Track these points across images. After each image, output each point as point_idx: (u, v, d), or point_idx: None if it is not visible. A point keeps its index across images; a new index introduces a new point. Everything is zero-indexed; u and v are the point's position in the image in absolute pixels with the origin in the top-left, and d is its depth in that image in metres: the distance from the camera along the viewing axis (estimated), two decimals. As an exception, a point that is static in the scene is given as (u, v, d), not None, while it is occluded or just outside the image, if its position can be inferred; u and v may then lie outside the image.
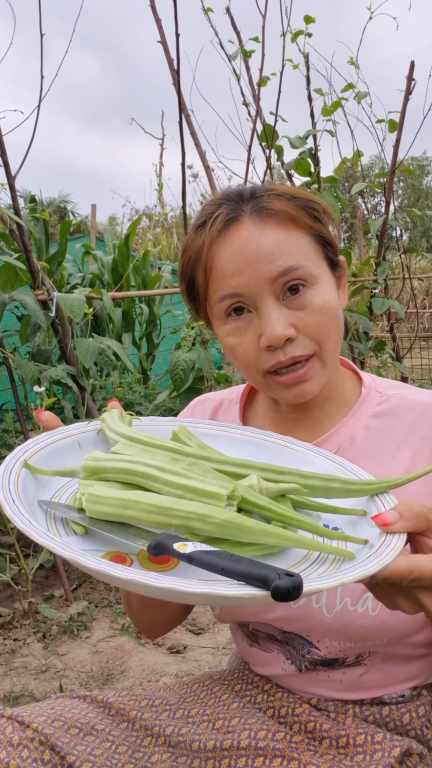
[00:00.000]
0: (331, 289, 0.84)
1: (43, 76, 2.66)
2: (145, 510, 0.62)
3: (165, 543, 0.58)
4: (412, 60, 2.97)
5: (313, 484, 0.72)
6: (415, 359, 5.93)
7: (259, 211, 0.81)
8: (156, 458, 0.71)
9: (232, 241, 0.81)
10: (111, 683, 2.16)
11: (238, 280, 0.80)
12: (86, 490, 0.65)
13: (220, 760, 0.81)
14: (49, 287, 2.66)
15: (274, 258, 0.79)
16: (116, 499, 0.63)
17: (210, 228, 0.83)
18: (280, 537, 0.63)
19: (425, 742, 0.87)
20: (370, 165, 19.76)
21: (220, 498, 0.63)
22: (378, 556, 0.59)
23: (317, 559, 0.66)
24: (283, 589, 0.50)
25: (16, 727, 0.79)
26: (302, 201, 0.84)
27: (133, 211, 17.19)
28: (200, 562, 0.56)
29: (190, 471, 0.69)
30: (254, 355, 0.82)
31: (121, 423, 0.79)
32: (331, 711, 0.88)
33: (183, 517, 0.62)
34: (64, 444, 0.77)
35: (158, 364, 5.27)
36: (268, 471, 0.74)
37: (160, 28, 2.90)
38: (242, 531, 0.62)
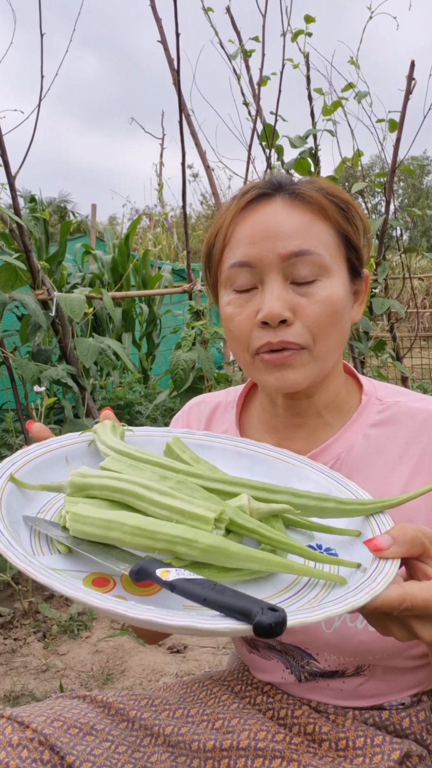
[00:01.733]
0: (342, 289, 0.82)
1: (43, 75, 2.66)
2: (129, 532, 0.61)
3: (147, 569, 0.56)
4: (413, 59, 2.97)
5: (306, 504, 0.71)
6: (415, 359, 5.92)
7: (292, 194, 0.82)
8: (144, 475, 0.69)
9: (257, 215, 0.81)
10: (111, 683, 2.16)
11: (252, 250, 0.80)
12: (70, 509, 0.63)
13: (219, 760, 0.81)
14: (49, 287, 2.66)
15: (292, 237, 0.78)
16: (100, 519, 0.62)
17: (240, 199, 0.83)
18: (267, 563, 0.61)
19: (425, 746, 0.87)
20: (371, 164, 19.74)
21: (207, 521, 0.62)
22: (368, 585, 0.57)
23: (307, 583, 0.64)
24: (266, 626, 0.49)
25: (15, 728, 0.79)
26: (338, 199, 0.83)
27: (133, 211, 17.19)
28: (182, 591, 0.54)
29: (178, 490, 0.67)
30: (247, 331, 0.81)
31: (112, 435, 0.77)
32: (331, 713, 0.87)
33: (167, 541, 0.60)
34: (55, 455, 0.76)
35: (158, 364, 5.27)
36: (261, 489, 0.72)
37: (160, 27, 2.90)
38: (228, 556, 0.60)
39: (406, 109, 2.97)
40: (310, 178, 0.86)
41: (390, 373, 3.95)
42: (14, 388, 2.71)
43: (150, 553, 0.62)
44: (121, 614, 0.50)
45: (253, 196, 0.82)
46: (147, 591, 0.61)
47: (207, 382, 2.84)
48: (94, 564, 0.62)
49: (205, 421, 1.00)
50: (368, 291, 0.90)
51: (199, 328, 2.85)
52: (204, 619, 0.51)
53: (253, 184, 0.85)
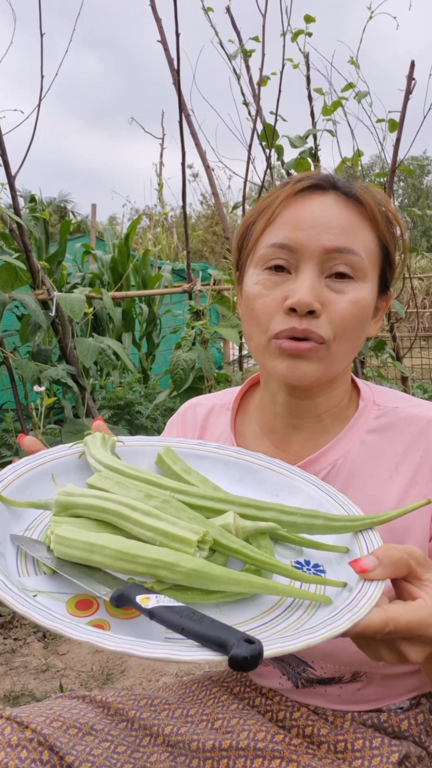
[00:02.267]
0: (371, 297, 0.81)
1: (43, 75, 2.66)
2: (111, 556, 0.61)
3: (128, 595, 0.57)
4: (413, 59, 2.97)
5: (295, 521, 0.70)
6: (415, 359, 5.92)
7: (347, 194, 0.82)
8: (129, 494, 0.68)
9: (308, 203, 0.81)
10: (111, 683, 2.16)
11: (297, 235, 0.79)
12: (55, 530, 0.63)
13: (218, 760, 0.81)
14: (49, 287, 2.66)
15: (338, 233, 0.78)
16: (83, 542, 0.62)
17: (294, 184, 0.82)
18: (250, 585, 0.61)
19: (424, 747, 0.87)
20: (371, 164, 19.75)
21: (190, 543, 0.61)
22: (350, 611, 0.57)
23: (292, 604, 0.63)
24: (240, 659, 0.48)
25: (14, 728, 0.79)
26: (387, 211, 0.84)
27: (133, 211, 17.19)
28: (161, 620, 0.54)
29: (163, 510, 0.67)
30: (271, 313, 0.80)
31: (102, 449, 0.77)
32: (330, 716, 0.87)
33: (149, 565, 0.60)
34: (46, 469, 0.76)
35: (158, 364, 5.27)
36: (249, 507, 0.72)
37: (160, 27, 2.90)
38: (210, 580, 0.60)
39: (406, 109, 2.97)
40: (366, 183, 0.86)
41: (390, 373, 3.95)
42: (14, 388, 2.71)
43: (133, 575, 0.62)
44: (98, 646, 0.50)
45: (309, 184, 0.82)
46: (129, 614, 0.60)
47: (207, 382, 2.84)
48: (78, 586, 0.62)
49: (200, 425, 0.98)
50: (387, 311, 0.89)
51: (199, 328, 2.85)
52: (181, 650, 0.51)
53: (309, 173, 0.85)
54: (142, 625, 0.58)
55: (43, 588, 0.61)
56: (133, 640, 0.52)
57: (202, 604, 0.62)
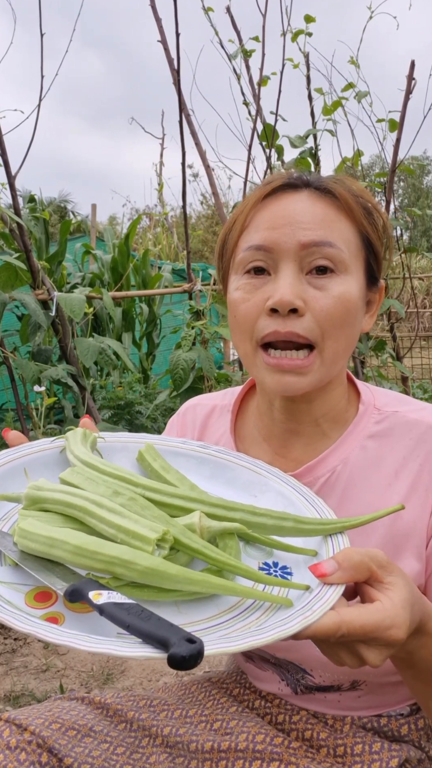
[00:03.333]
0: (357, 289, 0.78)
1: (43, 75, 2.66)
2: (71, 551, 0.62)
3: (81, 590, 0.58)
4: (413, 59, 2.96)
5: (264, 523, 0.70)
6: (415, 359, 5.92)
7: (320, 189, 0.80)
8: (98, 490, 0.70)
9: (280, 202, 0.79)
10: (111, 683, 2.16)
11: (272, 235, 0.77)
12: (20, 524, 0.65)
13: (217, 761, 0.81)
14: (49, 287, 2.65)
15: (314, 227, 0.76)
16: (44, 536, 0.63)
17: (264, 186, 0.81)
18: (207, 585, 0.61)
19: (424, 752, 0.87)
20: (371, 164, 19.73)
21: (149, 542, 0.62)
22: (303, 613, 0.57)
23: (252, 605, 0.64)
24: (179, 657, 0.49)
25: (13, 730, 0.79)
26: (364, 202, 0.82)
27: (134, 211, 17.19)
28: (109, 615, 0.55)
29: (128, 507, 0.68)
30: (254, 318, 0.78)
31: (82, 445, 0.78)
32: (329, 719, 0.87)
33: (107, 562, 0.61)
34: (25, 462, 0.77)
35: (158, 364, 5.27)
36: (218, 507, 0.72)
37: (160, 27, 2.90)
38: (166, 579, 0.61)
39: (406, 109, 2.97)
40: (339, 176, 0.84)
41: (390, 372, 3.95)
42: (14, 388, 2.71)
43: (91, 571, 0.63)
44: (42, 638, 0.52)
45: (279, 184, 0.80)
46: (86, 608, 0.61)
47: (207, 382, 2.84)
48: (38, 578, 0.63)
49: (200, 426, 0.98)
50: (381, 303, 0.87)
51: (199, 328, 2.85)
52: (123, 647, 0.52)
53: (280, 174, 0.83)
54: (97, 619, 0.59)
55: (5, 579, 0.63)
56: (78, 634, 0.53)
57: (160, 602, 0.63)
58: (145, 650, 0.52)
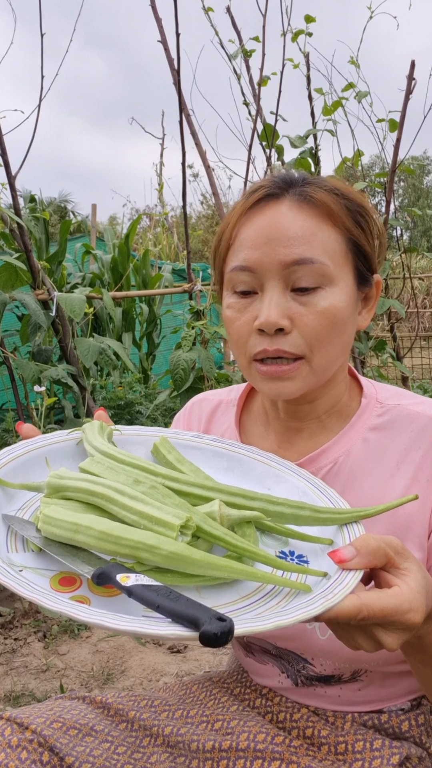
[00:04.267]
0: (345, 299, 0.79)
1: (43, 75, 2.66)
2: (95, 536, 0.63)
3: (109, 573, 0.58)
4: (413, 59, 2.96)
5: (282, 511, 0.72)
6: (415, 359, 5.93)
7: (301, 196, 0.79)
8: (119, 479, 0.70)
9: (262, 216, 0.79)
10: (111, 683, 2.16)
11: (253, 255, 0.78)
12: (43, 510, 0.65)
13: (218, 761, 0.81)
14: (49, 287, 2.66)
15: (294, 244, 0.76)
16: (68, 522, 0.64)
17: (247, 198, 0.81)
18: (229, 570, 0.62)
19: (424, 748, 0.87)
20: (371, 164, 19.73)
21: (172, 527, 0.63)
22: (325, 597, 0.58)
23: (271, 591, 0.65)
24: (211, 634, 0.50)
25: (15, 729, 0.79)
26: (350, 203, 0.80)
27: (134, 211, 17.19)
28: (138, 597, 0.56)
29: (150, 495, 0.68)
30: (245, 336, 0.80)
31: (99, 436, 0.79)
32: (330, 716, 0.87)
33: (131, 547, 0.62)
34: (42, 453, 0.78)
35: (158, 364, 5.27)
36: (237, 495, 0.73)
37: (160, 27, 2.90)
38: (189, 564, 0.61)
39: (407, 109, 2.97)
40: (323, 177, 0.83)
41: (390, 372, 3.95)
42: (14, 388, 2.71)
43: (116, 556, 0.64)
44: (72, 617, 0.52)
45: (260, 196, 0.80)
46: (110, 592, 0.62)
47: (207, 382, 2.84)
48: (63, 564, 0.64)
49: (206, 420, 0.99)
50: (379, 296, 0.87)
51: (200, 328, 2.85)
52: (152, 625, 0.52)
53: (262, 182, 0.82)
54: (122, 603, 0.60)
55: (30, 564, 0.63)
56: (107, 614, 0.53)
57: (182, 587, 0.64)
58: (175, 629, 0.52)
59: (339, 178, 0.85)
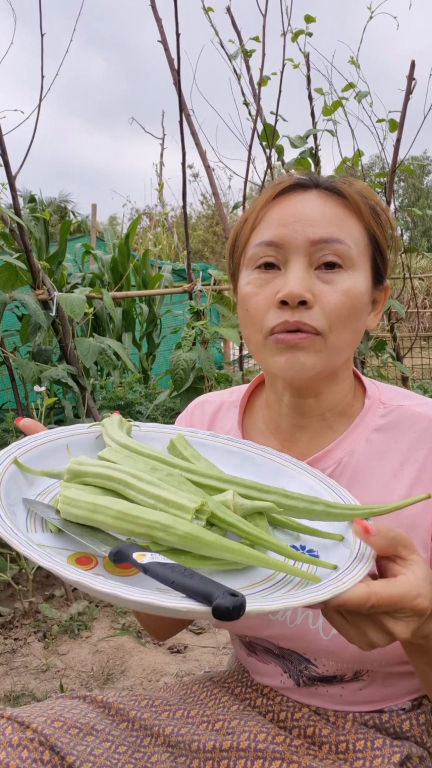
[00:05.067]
0: (364, 285, 0.81)
1: (43, 75, 2.66)
2: (113, 516, 0.65)
3: (125, 551, 0.60)
4: (413, 59, 2.97)
5: (296, 506, 0.72)
6: (415, 359, 5.93)
7: (328, 188, 0.83)
8: (136, 466, 0.72)
9: (292, 201, 0.82)
10: (111, 683, 2.16)
11: (283, 231, 0.80)
12: (63, 492, 0.68)
13: (219, 761, 0.81)
14: (49, 287, 2.66)
15: (323, 225, 0.79)
16: (87, 503, 0.66)
17: (275, 186, 0.84)
18: (241, 554, 0.63)
19: (425, 748, 0.87)
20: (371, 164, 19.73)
21: (188, 510, 0.64)
22: (334, 584, 0.59)
23: (282, 579, 0.65)
24: (223, 608, 0.51)
25: (15, 728, 0.79)
26: (372, 203, 0.84)
27: (134, 211, 17.19)
28: (154, 573, 0.57)
29: (166, 482, 0.70)
30: (264, 310, 0.80)
31: (119, 430, 0.80)
32: (331, 716, 0.87)
33: (147, 526, 0.63)
34: (61, 444, 0.79)
35: (159, 364, 5.27)
36: (252, 488, 0.74)
37: (160, 27, 2.90)
38: (203, 545, 0.62)
39: (407, 109, 2.97)
40: (347, 177, 0.87)
41: (390, 373, 3.95)
42: (14, 388, 2.71)
43: (131, 537, 0.66)
44: (88, 587, 0.54)
45: (289, 184, 0.83)
46: (125, 572, 0.64)
47: (207, 382, 2.84)
48: (80, 544, 0.66)
49: (208, 421, 0.99)
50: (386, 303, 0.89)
51: (200, 328, 2.85)
52: (165, 598, 0.54)
53: (290, 174, 0.85)
54: (136, 582, 0.62)
55: (48, 544, 0.65)
56: (123, 585, 0.55)
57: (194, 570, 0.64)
58: (188, 603, 0.54)
59: (344, 175, 0.87)
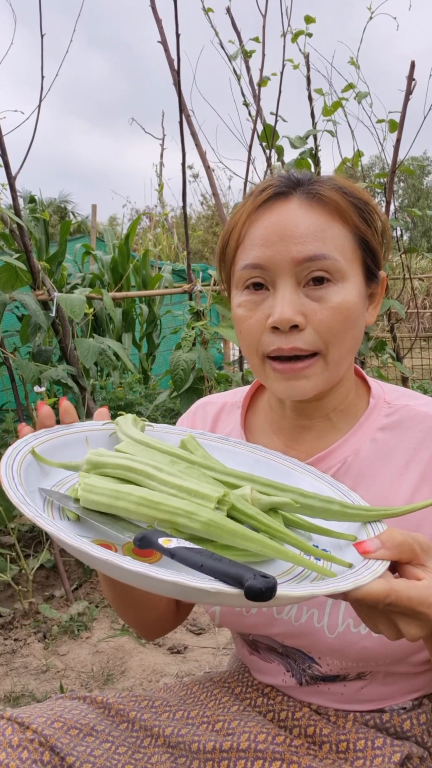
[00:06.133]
0: (357, 294, 0.80)
1: (43, 76, 2.66)
2: (135, 502, 0.64)
3: (150, 537, 0.59)
4: (413, 60, 2.96)
5: (312, 504, 0.73)
6: (415, 359, 5.92)
7: (309, 194, 0.80)
8: (155, 458, 0.72)
9: (272, 214, 0.79)
10: (111, 683, 2.16)
11: (265, 252, 0.78)
12: (83, 480, 0.67)
13: (219, 761, 0.81)
14: (49, 287, 2.66)
15: (307, 241, 0.77)
16: (109, 489, 0.66)
17: (256, 197, 0.81)
18: (263, 544, 0.63)
19: (426, 748, 0.87)
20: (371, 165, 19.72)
21: (210, 499, 0.64)
22: (355, 576, 0.60)
23: (299, 574, 0.66)
24: (257, 589, 0.51)
25: (15, 729, 0.79)
26: (358, 200, 0.81)
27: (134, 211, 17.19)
28: (182, 558, 0.57)
29: (186, 474, 0.70)
30: (258, 334, 0.80)
31: (134, 427, 0.80)
32: (332, 715, 0.87)
33: (170, 512, 0.63)
34: (76, 438, 0.79)
35: (158, 364, 5.26)
36: (269, 486, 0.74)
37: (160, 28, 2.90)
38: (226, 532, 0.62)
39: (407, 109, 2.97)
40: (329, 175, 0.84)
41: (390, 373, 3.95)
42: (14, 389, 2.71)
43: (153, 524, 0.65)
44: (118, 566, 0.53)
45: (269, 195, 0.80)
46: (146, 560, 0.63)
47: (207, 382, 2.84)
48: (99, 532, 0.66)
49: (211, 423, 0.99)
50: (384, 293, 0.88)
51: (200, 329, 2.85)
52: (194, 579, 0.53)
53: (270, 181, 0.83)
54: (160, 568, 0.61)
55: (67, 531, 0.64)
56: (150, 566, 0.54)
57: None
58: (218, 584, 0.53)
59: (343, 176, 0.86)
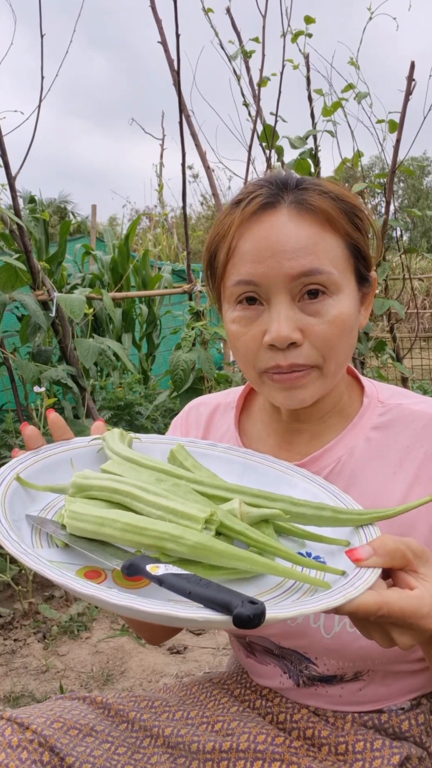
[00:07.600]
0: (351, 303, 0.79)
1: (43, 76, 2.67)
2: (120, 528, 0.64)
3: (138, 564, 0.59)
4: (413, 60, 2.96)
5: (304, 513, 0.72)
6: (415, 359, 5.92)
7: (299, 204, 0.77)
8: (141, 477, 0.71)
9: (262, 227, 0.77)
10: (111, 683, 2.16)
11: (258, 269, 0.76)
12: (69, 507, 0.66)
13: (218, 762, 0.81)
14: (49, 287, 2.66)
15: (300, 255, 0.75)
16: (94, 516, 0.65)
17: (244, 208, 0.78)
18: (252, 562, 0.63)
19: (424, 748, 0.87)
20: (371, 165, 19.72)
21: (197, 520, 0.64)
22: (345, 589, 0.59)
23: (291, 587, 0.65)
24: (244, 617, 0.51)
25: (15, 729, 0.79)
26: (347, 205, 0.79)
27: (134, 212, 17.18)
28: (170, 585, 0.56)
29: (173, 492, 0.69)
30: (254, 351, 0.79)
31: (120, 443, 0.80)
32: (330, 716, 0.87)
33: (156, 537, 0.63)
34: (63, 458, 0.78)
35: (158, 365, 5.26)
36: (259, 497, 0.73)
37: (160, 28, 2.91)
38: (214, 554, 0.62)
39: (406, 109, 2.97)
40: (316, 180, 0.81)
41: (390, 373, 3.95)
42: (14, 389, 2.71)
43: (140, 549, 0.65)
44: (104, 600, 0.53)
45: (258, 206, 0.77)
46: (135, 585, 0.63)
47: (207, 382, 2.84)
48: (87, 558, 0.65)
49: (204, 424, 0.99)
50: (375, 293, 0.87)
51: (199, 329, 2.85)
52: (182, 608, 0.53)
53: (254, 189, 0.80)
54: (148, 593, 0.61)
55: (55, 559, 0.64)
56: (136, 598, 0.54)
57: None
58: (206, 613, 0.53)
59: (337, 179, 0.85)
